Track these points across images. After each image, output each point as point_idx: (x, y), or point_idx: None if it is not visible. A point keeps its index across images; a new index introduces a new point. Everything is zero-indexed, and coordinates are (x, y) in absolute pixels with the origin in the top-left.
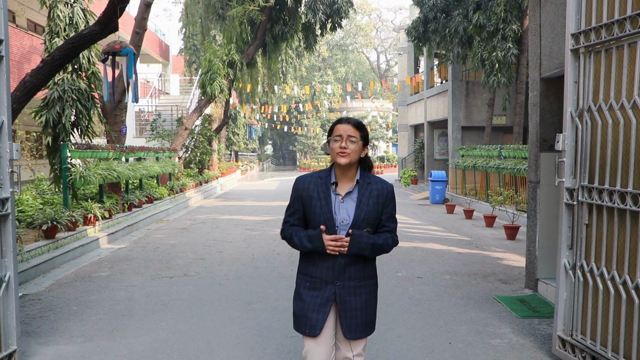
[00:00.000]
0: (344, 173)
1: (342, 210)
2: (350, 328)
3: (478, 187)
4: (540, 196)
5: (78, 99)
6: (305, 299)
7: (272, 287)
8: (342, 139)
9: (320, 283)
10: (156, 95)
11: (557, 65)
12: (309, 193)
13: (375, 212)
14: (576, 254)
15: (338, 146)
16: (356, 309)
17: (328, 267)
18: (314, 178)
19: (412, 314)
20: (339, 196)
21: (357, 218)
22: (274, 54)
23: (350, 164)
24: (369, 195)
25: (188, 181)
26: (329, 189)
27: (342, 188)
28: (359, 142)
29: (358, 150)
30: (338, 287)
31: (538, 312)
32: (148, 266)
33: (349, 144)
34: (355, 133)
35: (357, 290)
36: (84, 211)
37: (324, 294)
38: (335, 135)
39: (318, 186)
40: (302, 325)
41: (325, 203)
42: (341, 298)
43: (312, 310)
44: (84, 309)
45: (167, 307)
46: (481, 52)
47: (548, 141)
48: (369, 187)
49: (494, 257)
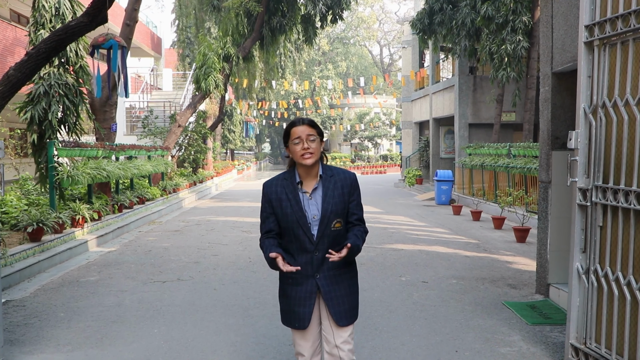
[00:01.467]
0: (307, 172)
1: (312, 206)
2: (340, 315)
3: (486, 187)
4: (552, 197)
5: (65, 95)
6: (290, 294)
7: (270, 292)
8: (302, 141)
9: (302, 278)
10: (148, 91)
11: (570, 59)
12: (277, 195)
13: (342, 202)
14: (590, 257)
15: (300, 148)
16: (341, 295)
17: (307, 262)
18: (280, 180)
19: (417, 320)
20: (306, 194)
21: (325, 211)
22: (271, 47)
23: (314, 163)
24: (333, 188)
25: (181, 181)
26: (296, 188)
27: (307, 185)
28: (317, 138)
29: (319, 146)
30: (319, 279)
31: (549, 318)
32: (139, 270)
33: (310, 144)
34: (312, 131)
35: (338, 279)
36: (72, 212)
37: (307, 288)
38: (293, 138)
39: (285, 187)
40: (291, 319)
41: (295, 202)
42: (324, 288)
43: (298, 304)
44: (71, 316)
45: (159, 313)
46: (490, 45)
47: (560, 139)
48: (332, 179)
49: (503, 261)
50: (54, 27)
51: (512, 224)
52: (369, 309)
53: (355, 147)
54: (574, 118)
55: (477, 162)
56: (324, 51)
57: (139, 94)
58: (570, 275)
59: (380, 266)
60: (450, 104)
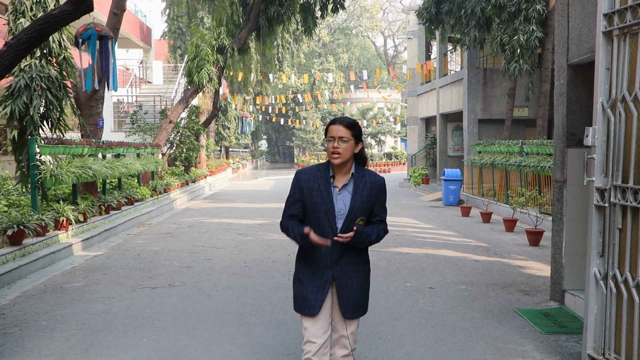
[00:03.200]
0: (339, 168)
1: (339, 201)
2: (347, 308)
3: (497, 187)
4: (567, 197)
5: (48, 88)
6: (305, 282)
7: (267, 299)
8: (335, 140)
9: (319, 267)
10: (137, 85)
11: (587, 50)
12: (310, 184)
13: (369, 202)
14: (608, 262)
15: (331, 146)
16: (353, 290)
17: (327, 253)
18: (314, 171)
19: (423, 328)
20: (336, 188)
21: (353, 207)
22: (268, 38)
23: (344, 162)
24: (362, 187)
25: (173, 180)
26: (329, 181)
27: (338, 181)
28: (351, 140)
29: (350, 148)
30: (336, 271)
31: (565, 327)
32: (128, 276)
33: (340, 144)
34: (347, 133)
35: (353, 274)
36: (55, 214)
37: (323, 277)
38: (329, 136)
39: (318, 178)
40: (302, 306)
41: (327, 194)
42: (339, 281)
43: (311, 292)
44: (54, 324)
45: (149, 321)
46: (501, 36)
47: (576, 135)
48: (363, 179)
49: (515, 266)
50: (35, 16)
51: (524, 227)
52: (372, 316)
53: None
54: (591, 113)
55: (487, 160)
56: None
57: (127, 87)
58: (587, 281)
59: (384, 271)
60: (458, 98)
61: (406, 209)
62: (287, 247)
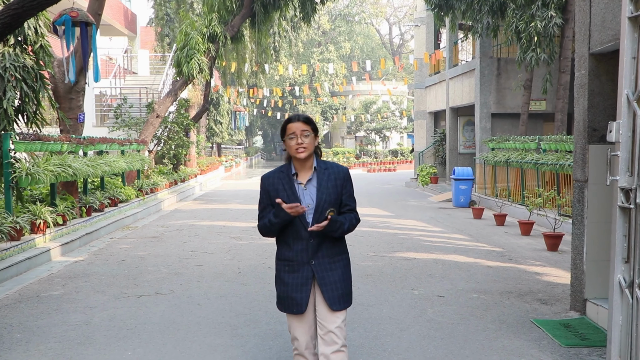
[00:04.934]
0: (302, 164)
1: (306, 196)
2: (333, 300)
3: (512, 187)
4: (589, 198)
5: (23, 79)
6: (287, 281)
7: (262, 308)
8: (297, 136)
9: (298, 265)
10: (121, 76)
11: (611, 38)
12: (274, 186)
13: (335, 193)
14: (634, 268)
15: (295, 143)
16: (335, 281)
17: (302, 249)
18: (277, 173)
19: (432, 340)
20: (301, 184)
21: (320, 200)
22: (264, 25)
23: (308, 156)
24: (327, 179)
25: (160, 180)
26: (292, 179)
27: (302, 177)
28: (311, 134)
29: (312, 142)
30: (314, 265)
31: (587, 339)
32: (111, 283)
33: (304, 139)
34: (307, 127)
35: (332, 266)
36: (32, 216)
37: (303, 274)
38: (289, 133)
39: (282, 179)
40: (288, 305)
41: (292, 192)
42: (319, 274)
43: (295, 290)
44: (30, 337)
45: (133, 333)
46: (516, 22)
47: (598, 131)
48: (326, 172)
49: (532, 272)
50: (7, 0)
51: (542, 230)
52: (377, 327)
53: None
54: (614, 106)
55: (501, 158)
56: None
57: (111, 79)
58: (610, 289)
59: (389, 278)
60: (470, 90)
61: (413, 210)
62: None
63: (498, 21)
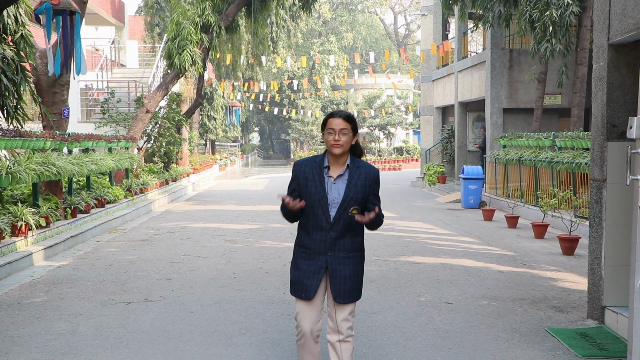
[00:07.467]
0: (336, 160)
1: (334, 190)
2: (338, 293)
3: (524, 186)
4: (607, 198)
5: (3, 71)
6: (302, 267)
7: (259, 316)
8: (335, 132)
9: (314, 253)
10: (108, 68)
11: (633, 27)
12: (305, 175)
13: (363, 192)
14: None
15: (332, 139)
16: (345, 276)
17: (321, 239)
18: (310, 162)
19: (440, 350)
20: (331, 178)
21: (347, 197)
22: (261, 15)
23: (343, 153)
24: (357, 178)
25: (150, 179)
26: (322, 171)
27: (334, 171)
28: (350, 133)
29: (349, 140)
30: (329, 257)
31: (605, 349)
32: (98, 289)
33: (341, 137)
34: (347, 125)
35: (346, 260)
36: (12, 218)
37: (317, 263)
38: (328, 128)
39: (313, 169)
40: (298, 290)
41: (320, 183)
42: (332, 267)
43: (306, 277)
44: (10, 347)
45: (122, 342)
46: (530, 11)
47: (618, 127)
48: (358, 170)
49: (546, 278)
50: None
51: (556, 233)
52: (381, 335)
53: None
54: (635, 101)
55: (514, 155)
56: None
57: (97, 71)
58: (631, 295)
59: (394, 283)
60: (480, 84)
61: (419, 212)
62: (282, 256)
63: (510, 10)
